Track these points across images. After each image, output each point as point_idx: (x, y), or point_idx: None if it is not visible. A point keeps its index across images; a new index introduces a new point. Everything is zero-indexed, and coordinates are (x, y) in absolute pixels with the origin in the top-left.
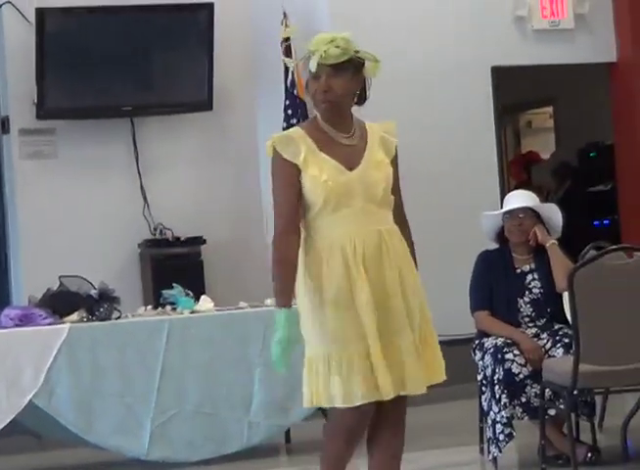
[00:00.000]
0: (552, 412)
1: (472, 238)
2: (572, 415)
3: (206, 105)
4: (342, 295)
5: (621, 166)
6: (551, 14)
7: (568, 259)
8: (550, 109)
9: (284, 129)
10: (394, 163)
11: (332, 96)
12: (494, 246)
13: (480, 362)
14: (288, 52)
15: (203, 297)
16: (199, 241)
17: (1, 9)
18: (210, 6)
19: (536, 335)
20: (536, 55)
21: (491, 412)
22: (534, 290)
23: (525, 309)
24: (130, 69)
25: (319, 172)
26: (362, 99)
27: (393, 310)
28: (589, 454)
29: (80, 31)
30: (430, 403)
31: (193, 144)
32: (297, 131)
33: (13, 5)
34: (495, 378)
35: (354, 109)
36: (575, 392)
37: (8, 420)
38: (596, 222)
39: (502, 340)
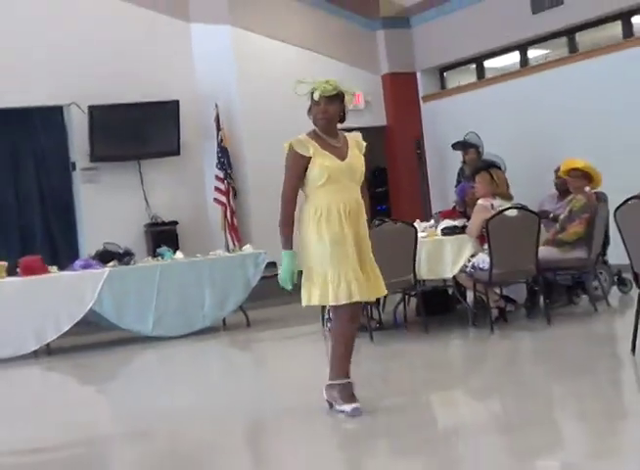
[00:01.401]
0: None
1: None
2: (370, 306)
3: (177, 152)
4: (338, 236)
5: (390, 179)
6: (353, 101)
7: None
8: None
9: (218, 166)
10: (364, 156)
11: (328, 116)
12: None
13: None
14: (218, 123)
15: (177, 252)
16: (175, 223)
17: (70, 106)
18: (177, 102)
19: None
20: (346, 122)
21: (327, 305)
22: None
23: None
24: (136, 136)
25: (323, 161)
26: (343, 119)
27: (364, 247)
28: (377, 325)
29: (109, 117)
30: (298, 301)
31: (170, 173)
32: (304, 137)
33: (76, 104)
34: None
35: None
36: None
37: (80, 317)
38: (379, 207)
39: None
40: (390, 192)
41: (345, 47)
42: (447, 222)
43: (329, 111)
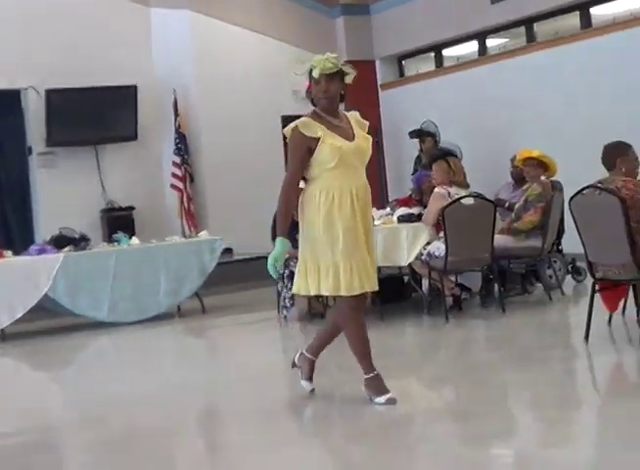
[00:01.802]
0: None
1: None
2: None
3: (134, 137)
4: (350, 224)
5: None
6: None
7: None
8: None
9: (176, 151)
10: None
11: (329, 95)
12: None
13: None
14: (175, 108)
15: (133, 237)
16: (131, 208)
17: (27, 90)
18: (135, 87)
19: None
20: (303, 109)
21: (283, 291)
22: None
23: (298, 239)
24: (93, 120)
25: (334, 141)
26: (343, 98)
27: (370, 236)
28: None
29: (66, 101)
30: (253, 288)
31: (127, 158)
32: (308, 119)
33: (34, 88)
34: (285, 275)
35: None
36: None
37: (35, 302)
38: None
39: (288, 255)
40: None
41: (305, 34)
42: (403, 210)
43: (330, 89)
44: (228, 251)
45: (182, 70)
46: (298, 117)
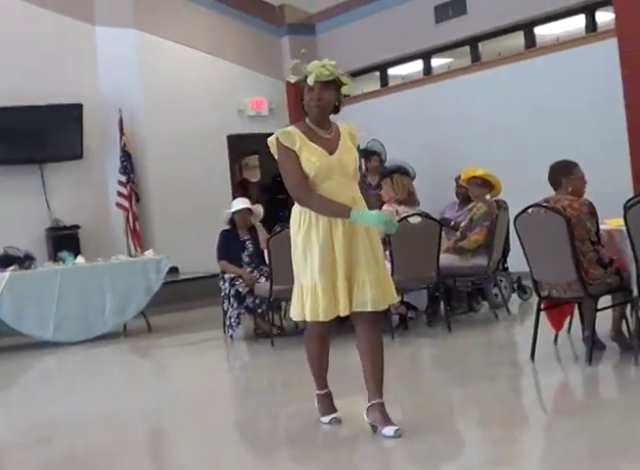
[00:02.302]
0: (260, 310)
1: (216, 223)
2: (271, 312)
3: (79, 156)
4: (326, 244)
5: None
6: (257, 107)
7: (266, 233)
8: (257, 156)
9: (121, 170)
10: (358, 149)
11: (322, 103)
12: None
13: (223, 286)
14: (121, 127)
15: (79, 256)
16: (76, 227)
17: None
18: (80, 105)
19: (252, 271)
20: (249, 128)
21: (229, 311)
22: (249, 248)
23: (245, 258)
24: (38, 139)
25: (310, 155)
26: (337, 109)
27: (361, 252)
28: (278, 331)
29: (11, 119)
30: (199, 307)
31: (73, 177)
32: (291, 129)
33: None
34: (230, 294)
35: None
36: (271, 299)
37: None
38: (280, 213)
39: (233, 275)
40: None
41: (251, 53)
42: None
43: (324, 97)
44: (174, 270)
45: (128, 89)
46: (245, 135)
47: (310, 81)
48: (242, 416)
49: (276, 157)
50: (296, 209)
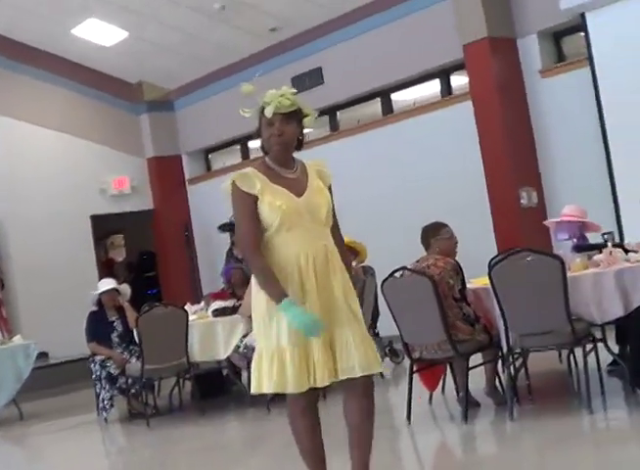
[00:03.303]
0: (132, 390)
1: (84, 305)
2: (145, 392)
3: None
4: (296, 298)
5: (160, 263)
6: (119, 186)
7: (135, 312)
8: (122, 235)
9: None
10: (330, 190)
11: (284, 139)
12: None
13: (94, 368)
14: None
15: None
16: None
17: None
18: None
19: (122, 351)
20: (112, 207)
21: (102, 393)
22: (118, 328)
23: (114, 339)
24: None
25: (274, 199)
26: (301, 145)
27: (339, 309)
28: (153, 411)
29: None
30: (72, 391)
31: None
32: (250, 170)
33: None
34: (102, 376)
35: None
36: (144, 379)
37: None
38: (149, 291)
39: (104, 357)
40: (160, 276)
41: (110, 131)
42: (218, 304)
43: (286, 132)
44: (43, 354)
45: None
46: (108, 215)
47: (269, 114)
48: None
49: (230, 203)
50: None
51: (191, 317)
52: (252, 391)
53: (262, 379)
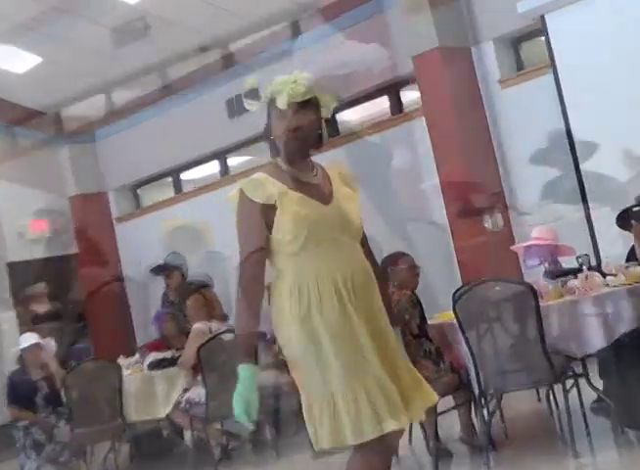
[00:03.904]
0: (62, 458)
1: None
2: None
3: None
4: (339, 325)
5: (88, 313)
6: (38, 228)
7: (62, 369)
8: (44, 283)
9: None
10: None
11: (302, 134)
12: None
13: (17, 436)
14: None
15: None
16: None
17: None
18: None
19: (48, 415)
20: (32, 253)
21: (27, 464)
22: (43, 389)
23: (39, 401)
24: None
25: (298, 208)
26: (320, 143)
27: (387, 333)
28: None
29: None
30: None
31: None
32: (261, 175)
33: None
34: (26, 444)
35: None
36: (74, 444)
37: None
38: (77, 344)
39: (26, 422)
40: (89, 327)
41: (27, 168)
42: (155, 355)
43: (303, 126)
44: None
45: None
46: (28, 261)
47: (282, 104)
48: None
49: (234, 216)
50: (277, 288)
51: (125, 372)
52: (318, 447)
53: (323, 433)
